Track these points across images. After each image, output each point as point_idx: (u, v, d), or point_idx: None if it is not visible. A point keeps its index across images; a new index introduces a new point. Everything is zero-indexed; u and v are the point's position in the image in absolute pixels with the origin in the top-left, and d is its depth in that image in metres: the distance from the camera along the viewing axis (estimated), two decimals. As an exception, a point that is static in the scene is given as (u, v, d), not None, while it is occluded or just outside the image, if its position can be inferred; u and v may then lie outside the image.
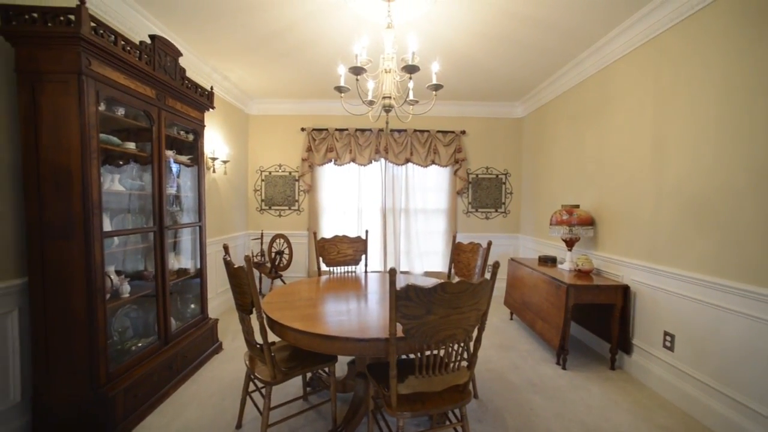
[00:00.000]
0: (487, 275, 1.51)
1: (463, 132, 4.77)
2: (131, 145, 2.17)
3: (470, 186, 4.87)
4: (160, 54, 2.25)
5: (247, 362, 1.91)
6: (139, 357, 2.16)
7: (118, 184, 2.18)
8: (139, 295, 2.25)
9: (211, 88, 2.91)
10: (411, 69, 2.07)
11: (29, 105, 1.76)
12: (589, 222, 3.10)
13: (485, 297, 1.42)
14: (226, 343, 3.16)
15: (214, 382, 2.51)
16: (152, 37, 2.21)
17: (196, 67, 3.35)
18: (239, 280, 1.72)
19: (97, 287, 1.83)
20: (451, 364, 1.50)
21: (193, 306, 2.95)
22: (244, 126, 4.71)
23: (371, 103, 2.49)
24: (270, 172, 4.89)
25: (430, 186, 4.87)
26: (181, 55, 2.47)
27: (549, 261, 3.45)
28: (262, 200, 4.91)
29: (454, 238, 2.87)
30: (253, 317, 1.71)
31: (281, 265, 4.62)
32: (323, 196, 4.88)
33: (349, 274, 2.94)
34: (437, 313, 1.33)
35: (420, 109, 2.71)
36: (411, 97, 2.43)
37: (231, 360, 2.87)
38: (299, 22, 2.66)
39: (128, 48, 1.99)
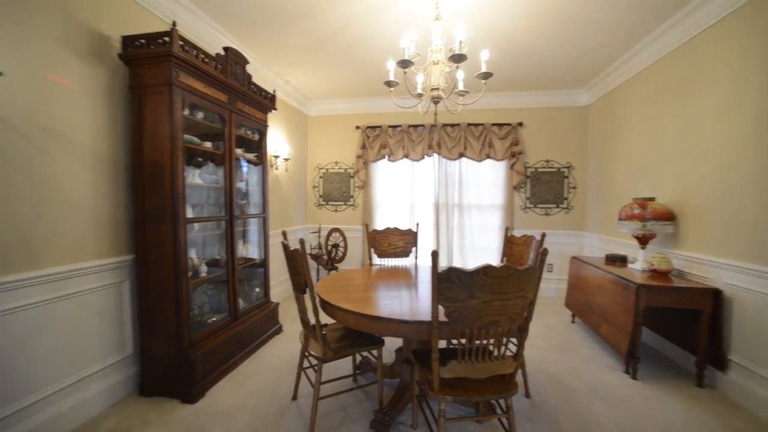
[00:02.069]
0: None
1: (520, 124, 4.54)
2: (208, 144, 2.49)
3: (528, 180, 4.62)
4: (231, 63, 2.54)
5: (302, 340, 2.08)
6: (214, 329, 2.47)
7: (198, 178, 2.51)
8: (214, 275, 2.57)
9: (274, 91, 3.19)
10: (458, 58, 2.05)
11: (136, 114, 2.13)
12: (668, 216, 2.75)
13: (532, 285, 1.37)
14: (285, 326, 3.44)
15: (274, 359, 2.76)
16: (226, 48, 2.51)
17: (261, 73, 3.69)
18: (294, 262, 1.88)
19: (182, 265, 2.15)
20: (495, 352, 1.48)
21: (257, 290, 3.26)
22: (303, 126, 5.05)
23: (420, 96, 2.52)
24: (327, 170, 5.17)
25: (484, 181, 4.73)
26: (248, 62, 2.75)
27: (618, 260, 3.14)
28: (320, 196, 5.22)
29: (507, 231, 2.77)
30: (307, 297, 1.86)
31: (337, 257, 4.86)
32: (377, 191, 5.02)
33: (400, 265, 2.99)
34: (479, 297, 1.32)
35: (470, 99, 2.66)
36: (460, 87, 2.41)
37: (289, 341, 3.12)
38: (350, 23, 2.80)
39: (206, 60, 2.29)
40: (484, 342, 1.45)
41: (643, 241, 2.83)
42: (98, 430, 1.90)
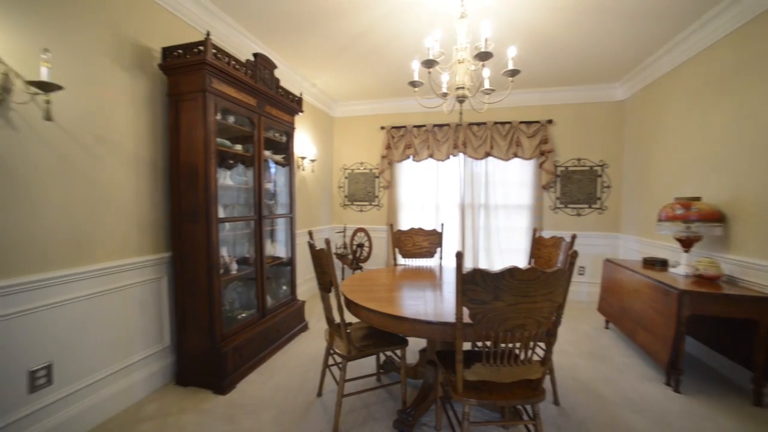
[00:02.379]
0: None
1: (550, 121, 4.38)
2: (238, 147, 2.60)
3: (558, 180, 4.44)
4: (260, 68, 2.64)
5: (327, 338, 2.11)
6: (243, 325, 2.57)
7: (229, 179, 2.63)
8: (244, 273, 2.68)
9: (301, 94, 3.27)
10: (484, 56, 2.02)
11: (173, 119, 2.26)
12: (716, 217, 2.55)
13: (560, 288, 1.32)
14: (311, 324, 3.52)
15: (301, 355, 2.82)
16: (255, 55, 2.60)
17: (288, 76, 3.80)
18: (320, 260, 1.92)
19: (214, 263, 2.25)
20: (521, 356, 1.44)
21: (284, 288, 3.36)
22: (329, 128, 5.14)
23: (445, 95, 2.50)
24: (352, 170, 5.23)
25: (511, 180, 4.61)
26: (276, 67, 2.84)
27: (657, 263, 2.95)
28: (345, 196, 5.29)
29: (535, 232, 2.68)
30: (332, 296, 1.89)
31: (362, 257, 4.91)
32: (401, 192, 5.02)
33: (425, 266, 2.98)
34: (505, 299, 1.29)
35: (496, 98, 2.60)
36: (486, 86, 2.37)
37: (315, 338, 3.18)
38: (375, 24, 2.82)
39: (237, 66, 2.38)
40: (510, 345, 1.41)
41: (687, 244, 2.65)
42: (142, 413, 2.04)
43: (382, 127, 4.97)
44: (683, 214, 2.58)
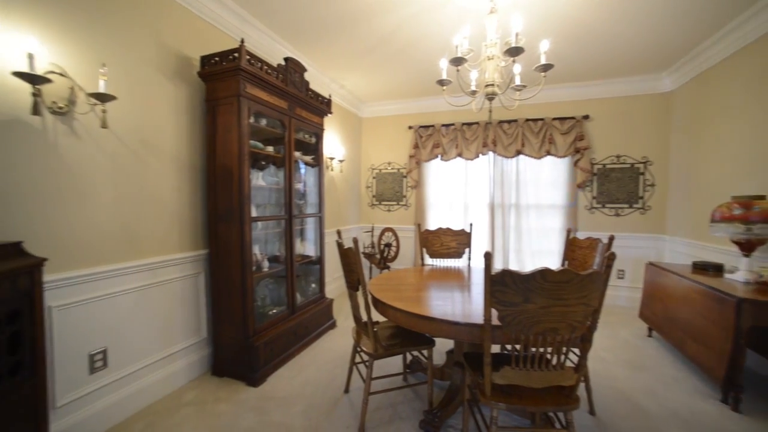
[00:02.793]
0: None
1: (586, 117, 4.17)
2: (270, 149, 2.69)
3: (595, 178, 4.22)
4: (291, 72, 2.72)
5: (354, 336, 2.14)
6: (274, 321, 2.66)
7: (261, 180, 2.73)
8: (274, 270, 2.77)
9: (329, 95, 3.33)
10: (515, 51, 1.95)
11: (210, 123, 2.38)
12: (780, 218, 2.30)
13: (596, 291, 1.26)
14: (339, 322, 3.58)
15: (329, 352, 2.88)
16: (286, 59, 2.69)
17: (317, 78, 3.88)
18: (348, 259, 1.95)
19: (247, 260, 2.35)
20: (553, 361, 1.38)
21: (313, 285, 3.44)
22: (357, 128, 5.20)
23: (473, 93, 2.45)
24: (380, 170, 5.26)
25: (544, 179, 4.43)
26: (305, 70, 2.91)
27: (710, 268, 2.71)
28: (373, 196, 5.33)
29: (569, 233, 2.56)
30: (360, 294, 1.92)
31: (389, 256, 4.92)
32: (429, 191, 4.98)
33: (453, 266, 2.94)
34: (536, 302, 1.25)
35: (528, 94, 2.51)
36: (517, 82, 2.30)
37: (342, 336, 3.23)
38: (403, 24, 2.81)
39: (269, 71, 2.47)
40: (541, 350, 1.36)
41: (747, 247, 2.41)
42: (182, 399, 2.17)
43: (410, 127, 4.96)
44: (743, 214, 2.35)
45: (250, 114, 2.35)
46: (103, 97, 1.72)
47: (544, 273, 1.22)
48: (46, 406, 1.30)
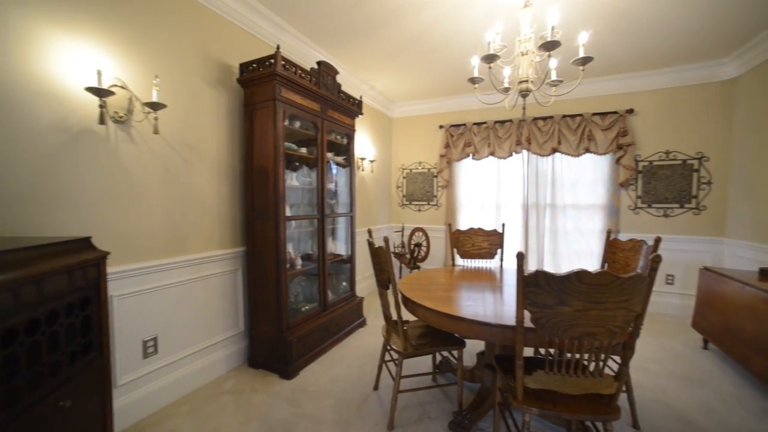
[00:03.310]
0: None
1: (630, 111, 3.91)
2: (303, 150, 2.79)
3: (640, 176, 3.95)
4: (323, 75, 2.80)
5: (384, 334, 2.17)
6: (306, 317, 2.75)
7: (294, 180, 2.83)
8: (307, 268, 2.87)
9: (360, 96, 3.38)
10: (550, 46, 1.89)
11: (248, 127, 2.51)
12: None
13: (639, 296, 1.19)
14: (369, 320, 3.62)
15: (359, 349, 2.93)
16: (318, 62, 2.77)
17: (349, 81, 3.96)
18: (379, 258, 1.98)
19: (282, 257, 2.45)
20: (590, 367, 1.32)
21: (344, 284, 3.51)
22: (387, 129, 5.24)
23: (507, 90, 2.40)
24: (411, 170, 5.26)
25: (582, 178, 4.22)
26: (337, 72, 2.99)
27: (779, 275, 2.46)
28: (403, 196, 5.34)
29: (609, 234, 2.43)
30: (390, 293, 1.94)
31: (419, 256, 4.91)
32: (460, 191, 4.91)
33: (484, 267, 2.88)
34: (572, 305, 1.21)
35: (565, 89, 2.41)
36: (553, 77, 2.21)
37: (372, 334, 3.27)
38: (435, 23, 2.80)
39: (303, 75, 2.56)
40: (577, 355, 1.31)
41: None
42: (221, 388, 2.31)
43: (441, 126, 4.92)
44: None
45: (285, 117, 2.45)
46: (155, 106, 1.88)
47: (580, 275, 1.17)
48: (110, 382, 1.45)
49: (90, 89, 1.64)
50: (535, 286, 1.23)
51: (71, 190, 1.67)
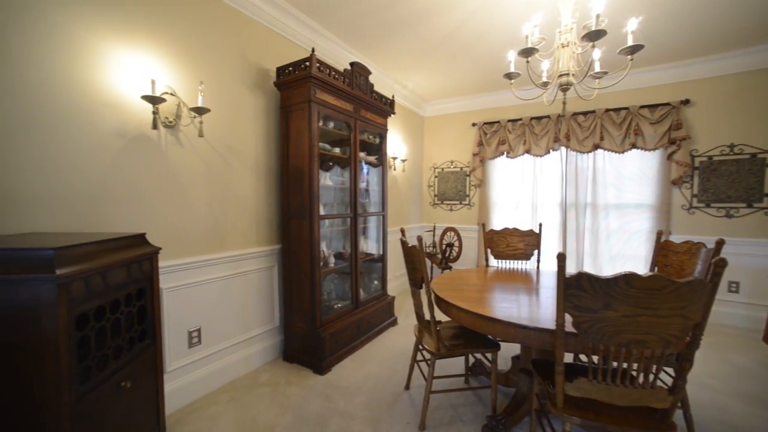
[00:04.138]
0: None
1: (685, 102, 3.59)
2: (337, 150, 2.84)
3: (697, 173, 3.62)
4: (356, 75, 2.83)
5: (417, 334, 2.15)
6: (339, 314, 2.79)
7: (328, 180, 2.89)
8: (339, 266, 2.92)
9: (393, 96, 3.39)
10: (595, 35, 1.78)
11: (284, 128, 2.60)
12: None
13: (698, 303, 1.09)
14: (400, 319, 3.62)
15: (390, 348, 2.94)
16: (352, 63, 2.81)
17: (381, 80, 3.97)
18: (412, 257, 1.97)
19: (315, 255, 2.51)
20: (640, 378, 1.23)
21: (376, 282, 3.53)
22: (419, 128, 5.21)
23: (545, 84, 2.30)
24: (442, 169, 5.20)
25: (627, 175, 3.94)
26: (370, 73, 3.01)
27: None
28: (434, 195, 5.28)
29: (659, 236, 2.25)
30: (422, 292, 1.92)
31: (451, 256, 4.83)
32: (494, 190, 4.78)
33: (519, 268, 2.78)
34: (619, 310, 1.13)
35: (609, 81, 2.27)
36: (597, 69, 2.09)
37: (403, 333, 3.27)
38: (468, 19, 2.74)
39: (336, 76, 2.61)
40: (624, 364, 1.22)
41: None
42: (258, 379, 2.41)
43: (474, 124, 4.81)
44: None
45: (319, 118, 2.51)
46: (200, 110, 1.99)
47: (629, 278, 1.09)
48: (162, 367, 1.57)
49: (145, 97, 1.78)
50: (578, 288, 1.17)
51: (128, 191, 1.82)
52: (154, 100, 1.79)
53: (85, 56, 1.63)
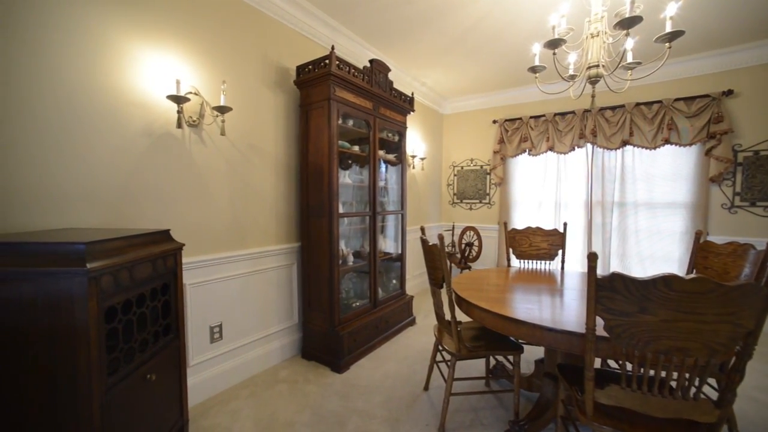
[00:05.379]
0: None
1: (728, 92, 3.36)
2: (356, 148, 2.82)
3: (739, 169, 3.38)
4: (375, 73, 2.80)
5: (436, 334, 2.11)
6: (357, 313, 2.78)
7: (347, 178, 2.88)
8: (358, 265, 2.90)
9: (412, 93, 3.34)
10: (630, 23, 1.68)
11: (304, 126, 2.61)
12: None
13: (751, 308, 1.00)
14: (418, 319, 3.57)
15: (408, 348, 2.90)
16: (371, 61, 2.78)
17: (400, 78, 3.93)
18: (432, 256, 1.93)
19: (334, 253, 2.50)
20: (681, 388, 1.14)
21: (394, 282, 3.50)
22: (438, 126, 5.13)
23: (572, 77, 2.19)
24: (462, 167, 5.10)
25: (658, 173, 3.74)
26: (389, 70, 2.98)
27: None
28: (454, 194, 5.20)
29: (698, 236, 2.10)
30: (443, 292, 1.88)
31: (470, 256, 4.74)
32: (515, 189, 4.65)
33: (541, 269, 2.69)
34: (657, 314, 1.05)
35: (643, 73, 2.14)
36: (629, 59, 1.97)
37: (422, 333, 3.22)
38: (491, 12, 2.66)
39: (356, 74, 2.59)
40: (663, 372, 1.14)
41: None
42: (277, 376, 2.43)
43: (495, 121, 4.69)
44: None
45: (339, 116, 2.50)
46: (223, 109, 2.02)
47: (668, 280, 1.01)
48: (185, 361, 1.60)
49: (171, 97, 1.81)
50: (611, 290, 1.10)
51: (153, 188, 1.87)
52: (178, 99, 1.82)
53: (115, 58, 1.68)
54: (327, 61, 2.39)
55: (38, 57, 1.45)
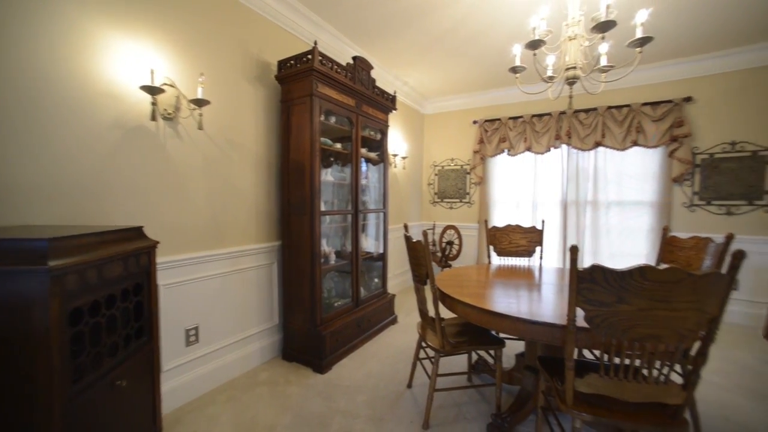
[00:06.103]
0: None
1: (687, 99, 3.59)
2: (338, 145, 2.79)
3: (698, 170, 3.61)
4: (358, 70, 2.79)
5: (420, 331, 2.12)
6: (339, 312, 2.75)
7: (329, 176, 2.85)
8: (340, 264, 2.87)
9: (394, 92, 3.35)
10: (604, 26, 1.75)
11: (285, 123, 2.55)
12: None
13: (715, 296, 1.06)
14: (400, 318, 3.58)
15: (390, 347, 2.90)
16: (354, 57, 2.76)
17: (382, 76, 3.93)
18: (416, 252, 1.93)
19: (316, 251, 2.46)
20: (653, 373, 1.20)
21: (376, 280, 3.49)
22: (419, 125, 5.17)
23: (551, 78, 2.27)
24: (443, 167, 5.17)
25: (628, 173, 3.94)
26: (372, 68, 2.97)
27: None
28: (435, 193, 5.25)
29: (665, 231, 2.23)
30: (427, 289, 1.89)
31: (451, 255, 4.81)
32: (494, 188, 4.75)
33: (520, 265, 2.76)
34: (633, 303, 1.10)
35: (616, 75, 2.24)
36: (604, 63, 2.06)
37: (404, 332, 3.23)
38: (471, 13, 2.71)
39: (338, 70, 2.57)
40: (637, 359, 1.19)
41: None
42: (257, 379, 2.36)
43: (475, 122, 4.78)
44: None
45: (321, 112, 2.47)
46: (200, 103, 1.94)
47: (644, 271, 1.06)
48: (159, 366, 1.51)
49: (144, 87, 1.73)
50: (591, 282, 1.14)
51: (125, 183, 1.77)
52: (152, 90, 1.74)
53: (83, 45, 1.58)
54: (310, 57, 2.35)
55: (-5, 40, 1.34)
